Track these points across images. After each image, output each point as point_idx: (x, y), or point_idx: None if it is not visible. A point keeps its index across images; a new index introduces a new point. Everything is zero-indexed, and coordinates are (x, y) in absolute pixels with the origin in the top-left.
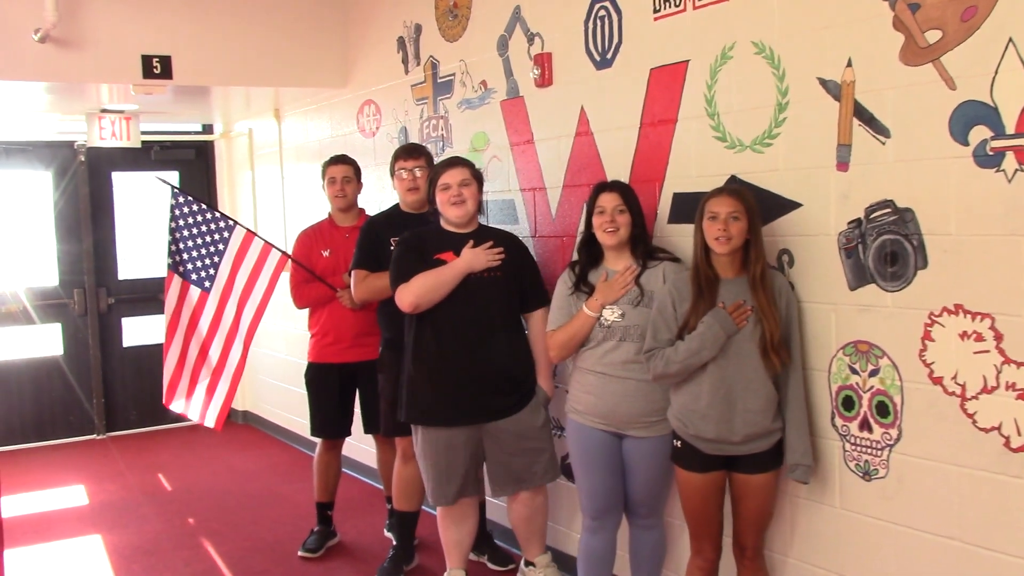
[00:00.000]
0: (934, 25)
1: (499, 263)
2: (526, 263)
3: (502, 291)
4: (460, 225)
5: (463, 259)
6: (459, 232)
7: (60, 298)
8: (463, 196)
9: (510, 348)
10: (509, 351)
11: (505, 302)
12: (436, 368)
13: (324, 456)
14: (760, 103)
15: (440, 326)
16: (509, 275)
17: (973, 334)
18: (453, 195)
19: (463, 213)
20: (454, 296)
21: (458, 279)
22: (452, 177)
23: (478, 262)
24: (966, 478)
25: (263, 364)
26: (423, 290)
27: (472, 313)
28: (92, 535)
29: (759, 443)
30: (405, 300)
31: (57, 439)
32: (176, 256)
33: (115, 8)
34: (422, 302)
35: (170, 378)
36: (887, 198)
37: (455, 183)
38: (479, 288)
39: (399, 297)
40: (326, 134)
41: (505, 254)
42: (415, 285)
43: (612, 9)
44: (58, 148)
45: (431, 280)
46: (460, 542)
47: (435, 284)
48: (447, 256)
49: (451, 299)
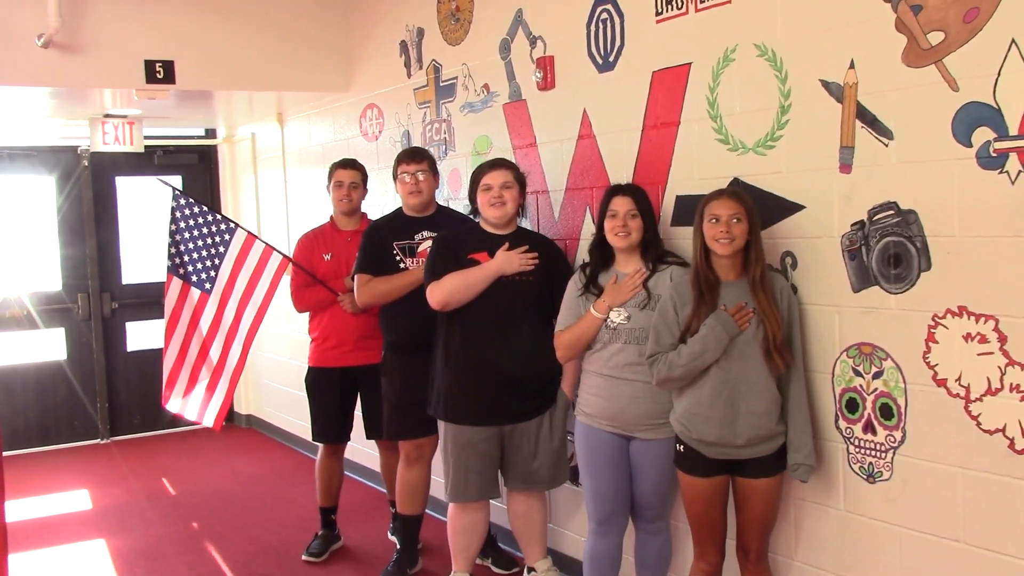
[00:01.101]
0: (936, 27)
1: (532, 267)
2: (560, 269)
3: (532, 295)
4: (498, 226)
5: (496, 261)
6: (497, 233)
7: (64, 303)
8: (504, 198)
9: (535, 352)
10: (534, 355)
11: (534, 306)
12: (462, 368)
13: (326, 461)
14: (763, 105)
15: (468, 326)
16: (541, 280)
17: (977, 336)
18: (494, 196)
19: (502, 215)
20: (484, 297)
21: (489, 281)
22: (495, 179)
23: (510, 265)
24: (970, 480)
25: (266, 368)
26: (453, 289)
27: (500, 315)
28: (96, 539)
29: (763, 447)
30: (435, 298)
31: (61, 443)
32: (176, 258)
33: (118, 13)
34: (451, 301)
35: (167, 378)
36: (890, 200)
37: (497, 184)
38: (509, 291)
39: (430, 294)
40: (329, 138)
41: (540, 259)
42: (446, 284)
43: (614, 12)
44: (61, 153)
45: (461, 280)
46: (468, 547)
47: (465, 284)
48: (481, 256)
49: (481, 300)
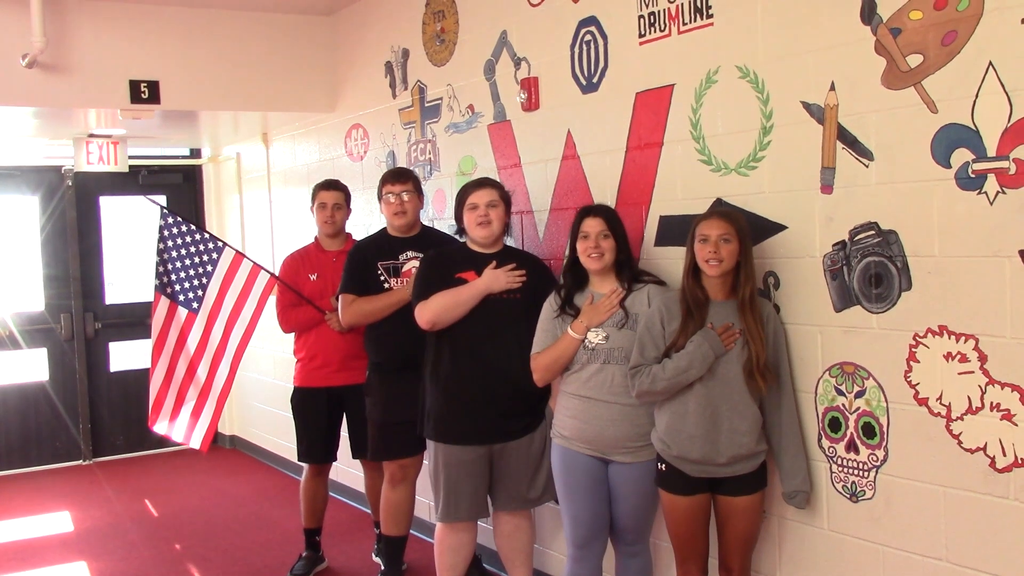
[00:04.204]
0: (915, 49)
1: (519, 285)
2: (548, 287)
3: (520, 313)
4: (485, 245)
5: (483, 279)
6: (483, 252)
7: (46, 323)
8: (489, 217)
9: (524, 370)
10: (523, 373)
11: (523, 324)
12: (451, 387)
13: (311, 481)
14: (745, 126)
15: (457, 345)
16: (529, 297)
17: (958, 355)
18: (480, 215)
19: (488, 234)
20: (472, 316)
21: (477, 299)
22: (480, 198)
23: (498, 283)
24: (952, 499)
25: (251, 388)
26: (441, 308)
27: (489, 334)
28: (78, 562)
29: (744, 465)
30: (423, 317)
31: (43, 465)
32: (164, 277)
33: (103, 33)
34: (439, 320)
35: (154, 400)
36: (871, 220)
37: (483, 203)
38: (497, 309)
39: (418, 314)
40: (314, 158)
41: (528, 277)
42: (434, 303)
43: (598, 34)
44: (45, 173)
45: (450, 299)
46: (455, 566)
47: (454, 303)
48: (469, 275)
49: (469, 319)
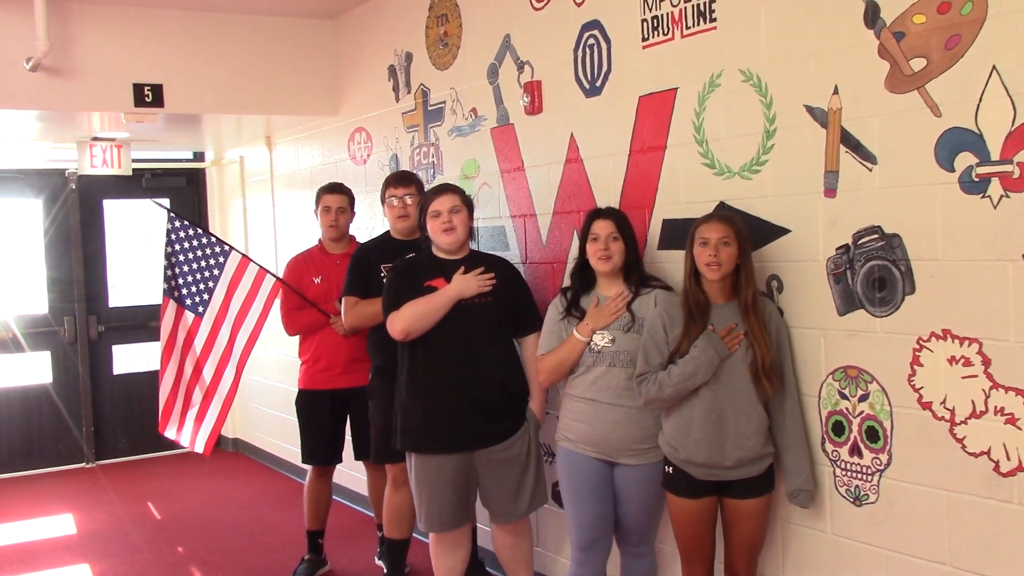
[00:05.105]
0: (919, 53)
1: (490, 288)
2: (518, 288)
3: (493, 316)
4: (451, 252)
5: (453, 286)
6: (450, 259)
7: (50, 326)
8: (453, 223)
9: (502, 373)
10: (501, 377)
11: (496, 327)
12: (428, 395)
13: (315, 484)
14: (748, 130)
15: (432, 353)
16: (501, 300)
17: (962, 359)
18: (443, 222)
19: (453, 240)
20: (445, 322)
21: (448, 306)
22: (442, 204)
23: (468, 288)
24: (956, 503)
25: (254, 391)
26: (413, 318)
27: (463, 339)
28: (80, 565)
29: (750, 468)
30: (396, 328)
31: (46, 467)
32: (172, 281)
33: (107, 37)
34: (412, 330)
35: (164, 405)
36: (874, 224)
37: (445, 210)
38: (470, 314)
39: (390, 325)
40: (317, 161)
41: (497, 279)
42: (405, 313)
43: (601, 37)
44: (49, 176)
45: (421, 308)
46: (452, 569)
47: (425, 311)
48: (438, 283)
49: (443, 325)
